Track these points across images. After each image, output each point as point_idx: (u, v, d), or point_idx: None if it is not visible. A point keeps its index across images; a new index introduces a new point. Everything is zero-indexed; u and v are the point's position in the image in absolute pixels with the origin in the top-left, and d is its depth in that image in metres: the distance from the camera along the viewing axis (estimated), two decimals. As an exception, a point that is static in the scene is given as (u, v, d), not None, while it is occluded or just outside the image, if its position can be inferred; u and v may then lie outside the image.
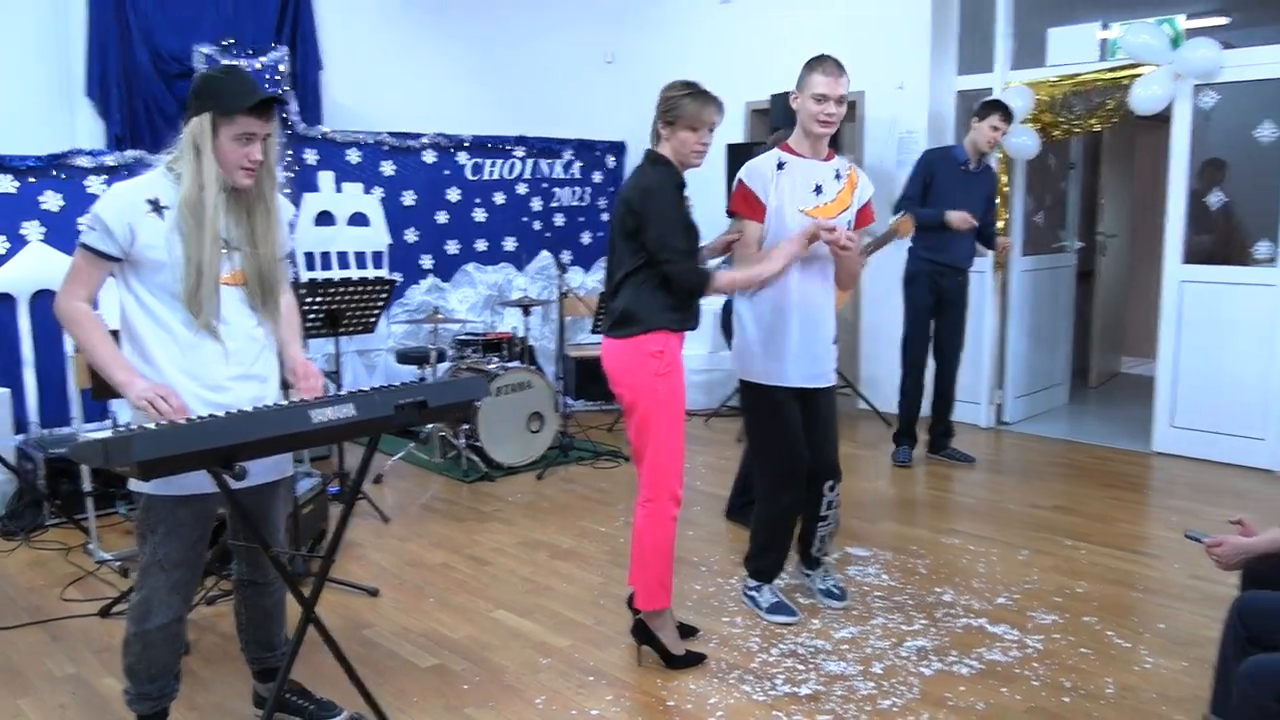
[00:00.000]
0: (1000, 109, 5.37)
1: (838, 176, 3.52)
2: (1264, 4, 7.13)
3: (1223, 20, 7.37)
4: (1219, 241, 5.92)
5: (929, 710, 2.98)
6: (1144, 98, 5.71)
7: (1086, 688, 3.12)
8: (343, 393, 2.52)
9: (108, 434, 2.09)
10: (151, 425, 2.18)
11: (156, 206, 2.43)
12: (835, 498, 3.72)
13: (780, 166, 3.45)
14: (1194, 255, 5.85)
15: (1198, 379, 5.81)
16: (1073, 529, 4.63)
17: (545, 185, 7.86)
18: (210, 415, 2.26)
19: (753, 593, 3.74)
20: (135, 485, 2.48)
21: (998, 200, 5.88)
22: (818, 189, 3.47)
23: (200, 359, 2.49)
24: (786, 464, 3.56)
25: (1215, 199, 5.81)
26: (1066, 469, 5.70)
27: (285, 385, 2.74)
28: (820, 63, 3.38)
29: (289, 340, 2.73)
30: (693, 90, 3.07)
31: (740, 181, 3.47)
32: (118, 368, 2.43)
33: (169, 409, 2.34)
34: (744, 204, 3.46)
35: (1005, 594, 3.87)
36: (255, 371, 2.60)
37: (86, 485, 4.38)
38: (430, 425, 5.58)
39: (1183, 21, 5.87)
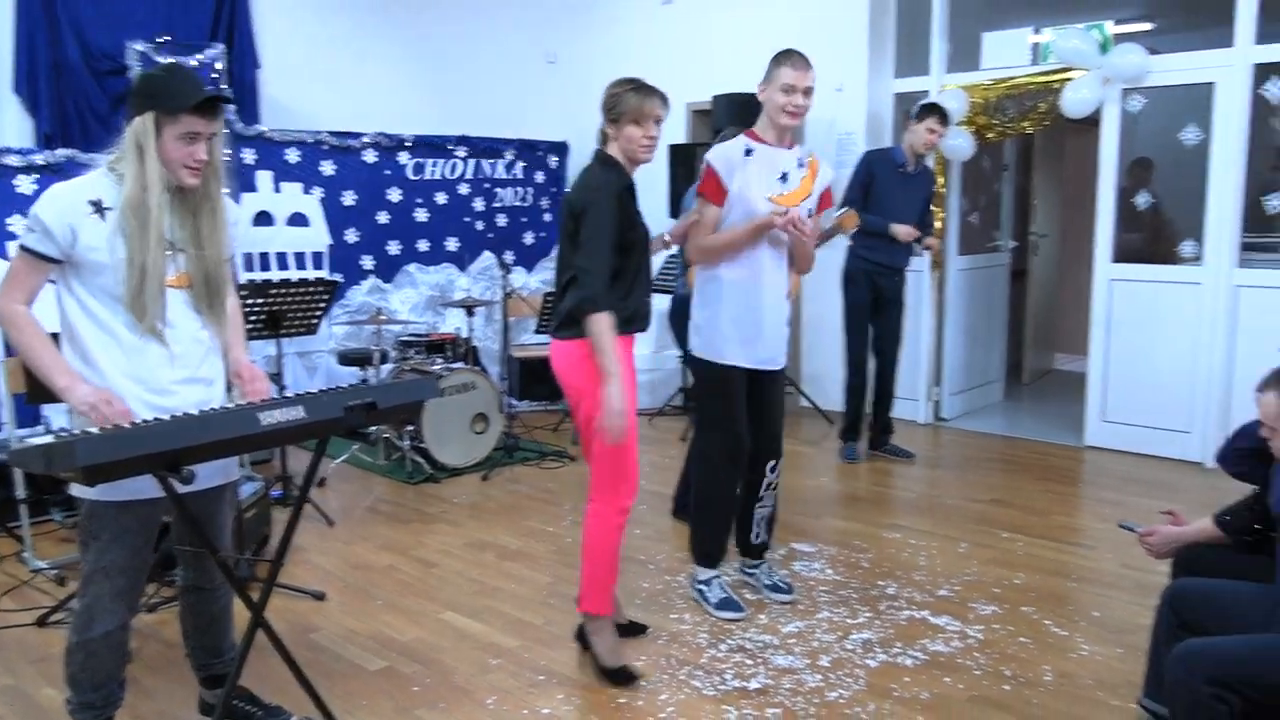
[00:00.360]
0: (937, 111, 5.48)
1: (800, 165, 3.61)
2: (1187, 11, 7.36)
3: (1148, 26, 7.59)
4: (1147, 241, 6.10)
5: (875, 701, 3.05)
6: (1074, 101, 5.86)
7: (1026, 675, 3.21)
8: (289, 395, 2.49)
9: (50, 439, 2.04)
10: (95, 429, 2.14)
11: (98, 208, 2.39)
12: (775, 479, 3.81)
13: (748, 153, 3.53)
14: (1123, 254, 6.02)
15: (1127, 375, 5.98)
16: (1010, 522, 4.74)
17: (487, 185, 7.82)
18: (156, 419, 2.22)
19: (701, 587, 3.77)
20: (78, 491, 2.43)
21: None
22: (784, 176, 3.55)
23: (145, 362, 2.45)
24: (731, 442, 3.63)
25: (1143, 200, 5.99)
26: (1002, 463, 5.83)
27: (229, 388, 2.71)
28: (788, 56, 3.48)
29: (234, 343, 2.69)
30: (635, 85, 3.09)
31: (708, 164, 3.53)
32: (59, 372, 2.38)
33: (112, 414, 2.30)
34: (710, 187, 3.53)
35: (946, 586, 3.96)
36: (201, 374, 2.57)
37: (20, 492, 4.26)
38: (377, 427, 5.54)
39: (1111, 27, 6.03)
